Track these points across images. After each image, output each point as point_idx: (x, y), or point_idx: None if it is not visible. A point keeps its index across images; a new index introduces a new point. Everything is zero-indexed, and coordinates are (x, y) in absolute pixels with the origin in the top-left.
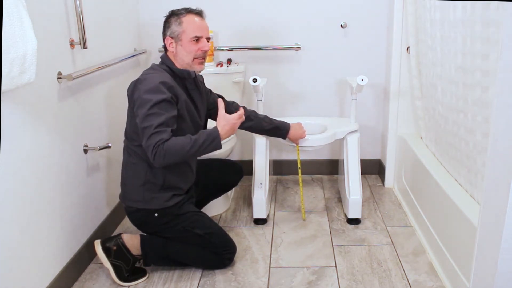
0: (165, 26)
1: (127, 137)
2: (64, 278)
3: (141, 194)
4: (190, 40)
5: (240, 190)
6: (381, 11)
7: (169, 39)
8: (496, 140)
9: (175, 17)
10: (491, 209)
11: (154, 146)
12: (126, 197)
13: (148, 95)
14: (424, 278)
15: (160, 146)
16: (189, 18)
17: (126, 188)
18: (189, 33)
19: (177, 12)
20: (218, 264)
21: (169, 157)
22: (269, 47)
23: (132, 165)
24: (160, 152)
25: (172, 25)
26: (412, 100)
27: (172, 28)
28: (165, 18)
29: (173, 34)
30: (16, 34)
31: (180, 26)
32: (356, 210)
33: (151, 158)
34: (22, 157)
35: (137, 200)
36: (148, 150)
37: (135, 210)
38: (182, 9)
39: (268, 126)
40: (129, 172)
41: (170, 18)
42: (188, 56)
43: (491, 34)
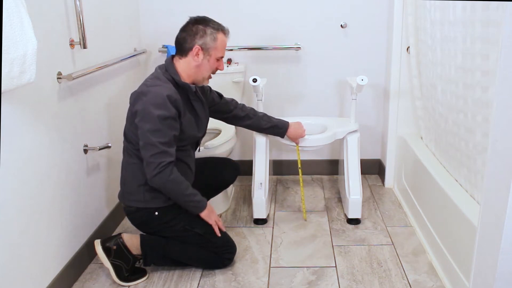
0: (197, 33)
1: (127, 139)
2: (64, 278)
3: (141, 193)
4: (216, 58)
5: (240, 190)
6: (381, 11)
7: (199, 49)
8: (496, 140)
9: (211, 29)
10: (491, 209)
11: (157, 165)
12: (126, 197)
13: (154, 110)
14: (424, 278)
15: (166, 170)
16: (222, 37)
17: (125, 188)
18: (219, 52)
19: (213, 25)
20: (218, 264)
21: (167, 186)
22: (269, 47)
23: (132, 165)
24: (164, 176)
25: (208, 37)
26: (412, 100)
27: (206, 40)
28: (195, 23)
29: (204, 46)
30: (16, 34)
31: (214, 42)
32: (356, 210)
33: (150, 174)
34: (22, 157)
35: (137, 199)
36: (149, 166)
37: (135, 210)
38: (216, 23)
39: (266, 124)
40: (130, 172)
41: (206, 28)
42: (208, 72)
43: (491, 34)
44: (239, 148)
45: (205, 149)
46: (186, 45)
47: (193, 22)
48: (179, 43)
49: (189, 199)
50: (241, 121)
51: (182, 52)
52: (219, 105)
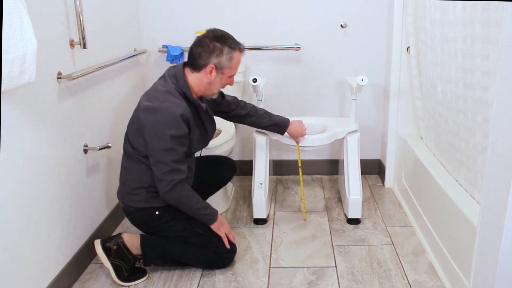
0: (213, 51)
1: (131, 145)
2: (64, 278)
3: (143, 194)
4: (229, 76)
5: (240, 190)
6: (381, 11)
7: (213, 68)
8: (496, 140)
9: (228, 48)
10: (491, 209)
11: (169, 182)
12: (126, 197)
13: (167, 129)
14: (424, 278)
15: (177, 187)
16: (237, 55)
17: (126, 189)
18: (233, 70)
19: (230, 44)
20: (218, 264)
21: (179, 201)
22: (269, 47)
23: (137, 169)
24: (175, 193)
25: (224, 57)
26: (412, 100)
27: (222, 60)
28: (213, 40)
29: (219, 65)
30: (16, 34)
31: (229, 62)
32: (356, 210)
33: (162, 190)
34: (22, 157)
35: (137, 200)
36: (161, 183)
37: (135, 210)
38: (233, 41)
39: (267, 122)
40: (133, 175)
41: (223, 46)
42: (219, 88)
43: (491, 34)
44: (239, 148)
45: (205, 149)
46: (201, 62)
47: (210, 38)
48: (193, 57)
49: (200, 213)
50: (241, 119)
51: (195, 67)
52: (221, 106)
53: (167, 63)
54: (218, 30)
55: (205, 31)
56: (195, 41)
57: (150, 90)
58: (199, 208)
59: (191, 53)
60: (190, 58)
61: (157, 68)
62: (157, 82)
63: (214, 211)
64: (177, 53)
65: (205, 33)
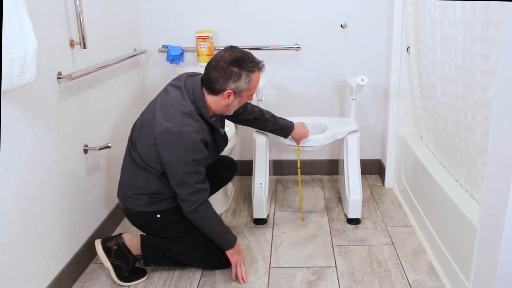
0: (231, 77)
1: (140, 156)
2: (64, 278)
3: (146, 200)
4: (248, 96)
5: (240, 190)
6: (381, 11)
7: (230, 93)
8: (496, 140)
9: (246, 73)
10: (491, 209)
11: (193, 203)
12: (128, 201)
13: (189, 155)
14: (424, 278)
15: (201, 208)
16: (256, 76)
17: (128, 192)
18: (251, 90)
19: (248, 67)
20: (218, 264)
21: (201, 222)
22: (269, 47)
23: (142, 176)
24: (198, 213)
25: (242, 82)
26: (412, 100)
27: (239, 84)
28: (230, 65)
29: (237, 90)
30: (16, 34)
31: (247, 84)
32: (356, 210)
33: (186, 209)
34: (22, 157)
35: (140, 204)
36: (185, 203)
37: (136, 213)
38: (252, 63)
39: (272, 126)
40: (138, 181)
41: (241, 71)
42: (237, 107)
43: (491, 34)
44: (239, 148)
45: None
46: (218, 87)
47: (227, 62)
48: (210, 81)
49: (219, 236)
50: (248, 122)
51: (212, 90)
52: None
53: (167, 63)
54: (236, 51)
55: (223, 51)
56: (212, 63)
57: (166, 105)
58: (219, 231)
59: (207, 75)
60: (206, 80)
61: (157, 68)
62: (173, 94)
63: (233, 238)
64: (177, 53)
65: (221, 54)
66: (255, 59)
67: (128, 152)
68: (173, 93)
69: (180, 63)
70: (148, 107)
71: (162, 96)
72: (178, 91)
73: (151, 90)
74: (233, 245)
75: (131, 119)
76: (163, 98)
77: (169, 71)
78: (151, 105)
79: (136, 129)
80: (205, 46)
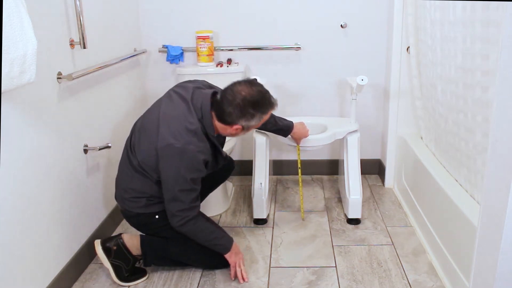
0: (244, 115)
1: (139, 162)
2: (64, 278)
3: (143, 202)
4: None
5: (240, 190)
6: (381, 11)
7: (240, 128)
8: (496, 140)
9: (260, 114)
10: (491, 209)
11: (182, 218)
12: (126, 203)
13: (188, 173)
14: (424, 278)
15: (189, 223)
16: (267, 116)
17: (126, 195)
18: (259, 125)
19: (263, 110)
20: (218, 264)
21: (191, 234)
22: (269, 47)
23: (139, 180)
24: (186, 227)
25: (253, 121)
26: (412, 100)
27: (251, 123)
28: (247, 105)
29: (246, 126)
30: (16, 34)
31: (258, 122)
32: (356, 210)
33: (173, 224)
34: (22, 157)
35: (138, 206)
36: (174, 218)
37: (135, 214)
38: (267, 105)
39: (272, 127)
40: (136, 185)
41: (255, 112)
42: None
43: (491, 34)
44: (239, 148)
45: None
46: (229, 120)
47: (245, 102)
48: (222, 112)
49: (213, 243)
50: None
51: (221, 120)
52: None
53: (167, 63)
54: (254, 89)
55: (242, 85)
56: (228, 95)
57: (172, 118)
58: (212, 239)
59: (221, 106)
60: (218, 109)
61: (157, 68)
62: (178, 105)
63: (228, 241)
64: (177, 53)
65: (240, 88)
66: (271, 99)
67: (126, 154)
68: (178, 105)
69: (180, 63)
70: (151, 111)
71: (166, 104)
72: (184, 104)
73: (151, 90)
74: (230, 248)
75: (131, 119)
76: (167, 106)
77: (169, 71)
78: (154, 110)
79: (137, 133)
80: (205, 46)
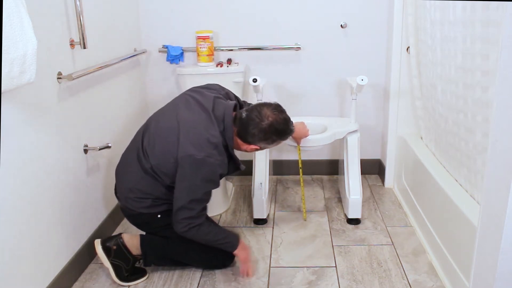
0: (266, 139)
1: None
2: (64, 278)
3: (148, 203)
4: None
5: (240, 190)
6: (381, 11)
7: (257, 148)
8: (496, 140)
9: (280, 140)
10: (491, 209)
11: (187, 225)
12: (129, 202)
13: (204, 184)
14: (424, 278)
15: (193, 229)
16: (287, 139)
17: (131, 195)
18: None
19: (284, 137)
20: (218, 264)
21: (195, 238)
22: (269, 47)
23: (149, 183)
24: (190, 233)
25: (272, 144)
26: (412, 100)
27: (269, 145)
28: (272, 132)
29: (263, 147)
30: (16, 34)
31: (275, 145)
32: (356, 210)
33: (179, 230)
34: (22, 157)
35: (142, 206)
36: (178, 224)
37: (137, 214)
38: (288, 133)
39: None
40: (143, 186)
41: (277, 138)
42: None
43: (491, 34)
44: None
45: None
46: (250, 139)
47: (272, 129)
48: (246, 132)
49: (219, 243)
50: None
51: (242, 137)
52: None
53: (167, 63)
54: (281, 117)
55: (271, 109)
56: (254, 116)
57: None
58: (217, 239)
59: (246, 125)
60: (242, 127)
61: (157, 68)
62: (198, 114)
63: (234, 238)
64: (177, 53)
65: (268, 112)
66: (292, 128)
67: (136, 155)
68: (199, 114)
69: (180, 63)
70: (166, 115)
71: (185, 110)
72: (205, 114)
73: (151, 90)
74: (237, 245)
75: (131, 119)
76: (186, 113)
77: (169, 71)
78: (169, 114)
79: (151, 136)
80: (205, 46)
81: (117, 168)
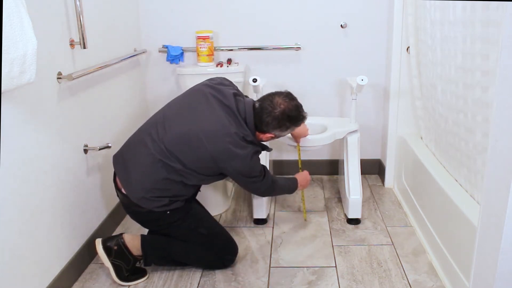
0: (280, 126)
1: (184, 165)
2: (64, 278)
3: (165, 201)
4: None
5: (240, 190)
6: (381, 11)
7: (272, 136)
8: (496, 140)
9: (293, 126)
10: (491, 209)
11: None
12: (143, 201)
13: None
14: (424, 278)
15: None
16: (300, 126)
17: (148, 194)
18: (288, 133)
19: (297, 123)
20: (218, 264)
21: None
22: (269, 47)
23: (172, 182)
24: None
25: (286, 131)
26: (412, 100)
27: (283, 133)
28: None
29: (278, 135)
30: (16, 34)
31: (289, 132)
32: (356, 210)
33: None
34: (22, 157)
35: (156, 205)
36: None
37: (146, 211)
38: (301, 119)
39: None
40: (165, 185)
41: (291, 125)
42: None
43: (491, 34)
44: None
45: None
46: (264, 128)
47: (285, 116)
48: (261, 121)
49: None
50: None
51: (258, 128)
52: None
53: (167, 63)
54: (292, 103)
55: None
56: (267, 105)
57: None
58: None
59: (260, 114)
60: (258, 118)
61: (157, 68)
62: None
63: (293, 181)
64: (177, 53)
65: (280, 100)
66: (304, 114)
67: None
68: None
69: (180, 63)
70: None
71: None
72: (232, 114)
73: (151, 90)
74: (297, 185)
75: (131, 119)
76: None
77: (169, 71)
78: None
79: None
80: (205, 46)
81: (127, 168)
